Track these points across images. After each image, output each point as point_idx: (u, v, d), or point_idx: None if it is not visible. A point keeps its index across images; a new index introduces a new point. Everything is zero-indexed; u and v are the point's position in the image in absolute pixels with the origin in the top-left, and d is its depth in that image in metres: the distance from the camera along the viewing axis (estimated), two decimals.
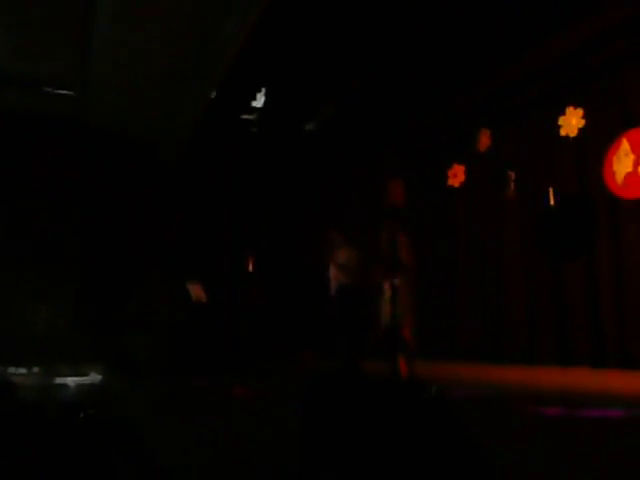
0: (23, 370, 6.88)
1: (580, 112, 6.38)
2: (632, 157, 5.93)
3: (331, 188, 10.23)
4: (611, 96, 6.53)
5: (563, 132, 6.54)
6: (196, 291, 6.30)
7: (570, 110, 6.48)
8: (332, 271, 5.78)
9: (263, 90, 8.38)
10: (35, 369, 6.98)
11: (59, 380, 6.20)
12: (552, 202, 6.32)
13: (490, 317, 8.03)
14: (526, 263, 7.48)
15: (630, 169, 5.95)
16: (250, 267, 8.42)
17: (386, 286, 5.03)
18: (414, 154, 9.23)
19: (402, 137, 9.21)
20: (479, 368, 6.55)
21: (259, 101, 8.59)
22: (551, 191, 6.41)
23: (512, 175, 7.07)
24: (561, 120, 6.58)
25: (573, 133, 6.42)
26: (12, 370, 6.65)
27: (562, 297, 6.99)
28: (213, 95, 8.34)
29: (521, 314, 7.51)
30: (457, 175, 8.19)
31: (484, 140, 7.46)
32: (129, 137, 9.65)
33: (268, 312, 8.46)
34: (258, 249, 8.87)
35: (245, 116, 8.97)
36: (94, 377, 6.49)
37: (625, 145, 6.02)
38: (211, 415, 3.89)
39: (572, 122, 6.41)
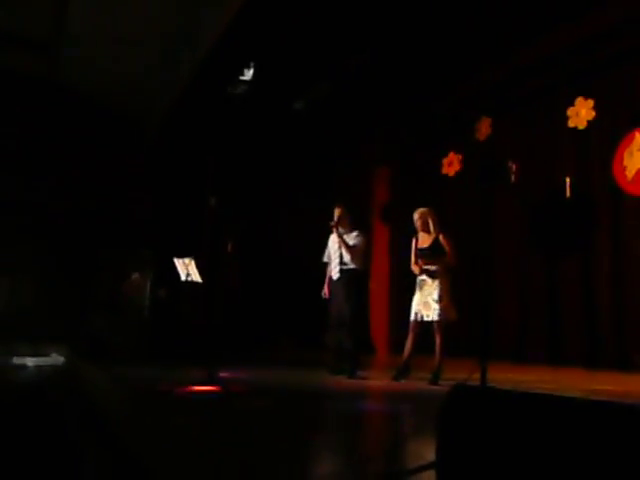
0: None
1: (590, 103, 6.07)
2: None
3: (317, 170, 9.82)
4: (619, 89, 6.28)
5: (571, 124, 6.22)
6: (190, 269, 5.75)
7: (580, 101, 6.17)
8: (339, 250, 5.21)
9: (252, 64, 7.91)
10: None
11: (17, 360, 5.64)
12: (568, 194, 5.96)
13: (480, 314, 7.76)
14: (520, 259, 7.23)
15: None
16: (229, 249, 7.92)
17: (423, 276, 4.71)
18: (407, 140, 8.89)
19: (395, 122, 8.84)
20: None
21: (247, 74, 8.11)
22: (568, 182, 6.06)
23: (513, 166, 6.74)
24: (569, 111, 6.26)
25: (582, 125, 6.11)
26: None
27: (557, 295, 6.77)
28: (199, 65, 7.83)
29: (513, 311, 7.27)
30: (452, 164, 7.86)
31: (484, 129, 7.14)
32: (106, 103, 9.02)
33: (247, 296, 8.04)
34: (239, 230, 8.40)
35: (231, 89, 8.46)
36: (56, 358, 5.96)
37: (639, 140, 5.77)
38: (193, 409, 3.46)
39: (581, 113, 6.09)
